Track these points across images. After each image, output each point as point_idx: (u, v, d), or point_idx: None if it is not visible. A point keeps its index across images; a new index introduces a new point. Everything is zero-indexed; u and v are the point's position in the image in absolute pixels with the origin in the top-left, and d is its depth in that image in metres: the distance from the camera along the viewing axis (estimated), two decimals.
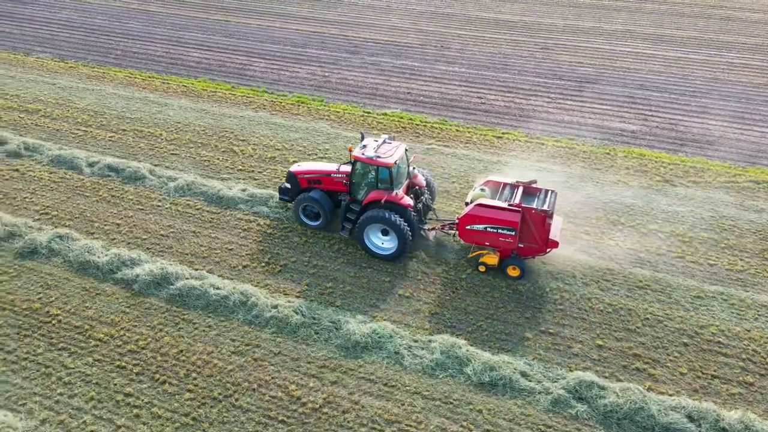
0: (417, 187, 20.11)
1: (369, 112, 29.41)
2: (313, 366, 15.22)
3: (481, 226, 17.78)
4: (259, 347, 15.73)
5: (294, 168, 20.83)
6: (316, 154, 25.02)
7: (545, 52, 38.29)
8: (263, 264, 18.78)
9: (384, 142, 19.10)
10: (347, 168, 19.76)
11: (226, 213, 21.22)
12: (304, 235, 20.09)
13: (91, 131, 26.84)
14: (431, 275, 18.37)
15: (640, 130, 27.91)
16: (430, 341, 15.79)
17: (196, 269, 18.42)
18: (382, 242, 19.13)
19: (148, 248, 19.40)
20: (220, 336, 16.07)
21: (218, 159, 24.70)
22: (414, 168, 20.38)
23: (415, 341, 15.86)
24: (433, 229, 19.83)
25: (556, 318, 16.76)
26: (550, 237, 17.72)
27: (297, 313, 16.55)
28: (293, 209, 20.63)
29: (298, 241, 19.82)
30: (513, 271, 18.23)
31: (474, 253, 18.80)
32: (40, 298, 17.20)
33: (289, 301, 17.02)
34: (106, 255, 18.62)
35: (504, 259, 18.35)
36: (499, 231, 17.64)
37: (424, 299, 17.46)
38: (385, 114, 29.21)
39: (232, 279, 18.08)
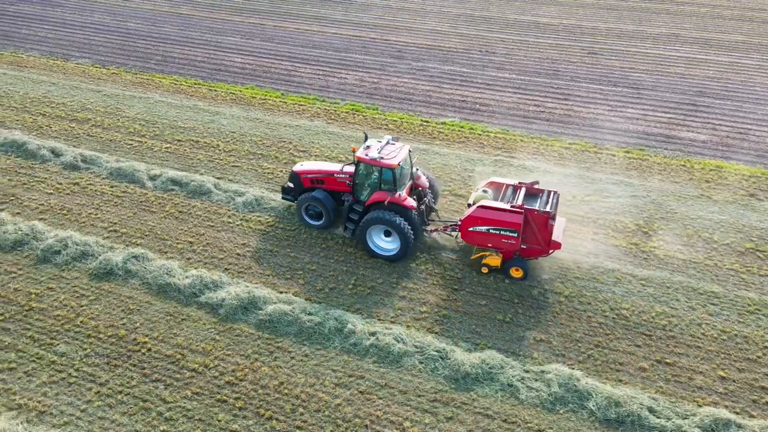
0: (420, 189, 20.14)
1: (427, 121, 28.57)
2: (424, 400, 14.40)
3: (483, 228, 17.76)
4: (364, 379, 14.91)
5: (297, 167, 20.83)
6: None
7: (593, 57, 37.39)
8: (350, 286, 17.95)
9: (387, 142, 19.17)
10: (351, 168, 19.68)
11: (301, 231, 20.38)
12: None
13: (145, 142, 26.02)
14: (527, 298, 17.54)
15: (710, 140, 27.03)
16: (542, 372, 14.95)
17: (282, 292, 17.60)
18: (385, 243, 19.14)
19: (226, 269, 18.59)
20: (319, 366, 15.25)
21: (282, 172, 23.86)
22: (417, 169, 20.38)
23: (527, 372, 15.03)
24: (435, 230, 19.77)
25: (669, 346, 15.92)
26: (552, 238, 17.61)
27: (398, 341, 15.73)
28: (296, 209, 20.57)
29: (383, 262, 18.99)
30: (516, 273, 18.14)
31: (476, 255, 18.64)
32: (124, 324, 16.41)
33: (386, 328, 16.19)
34: (187, 277, 17.80)
35: (507, 260, 18.24)
36: (502, 232, 17.60)
37: (525, 324, 16.63)
38: (444, 123, 28.36)
39: (320, 302, 17.26)
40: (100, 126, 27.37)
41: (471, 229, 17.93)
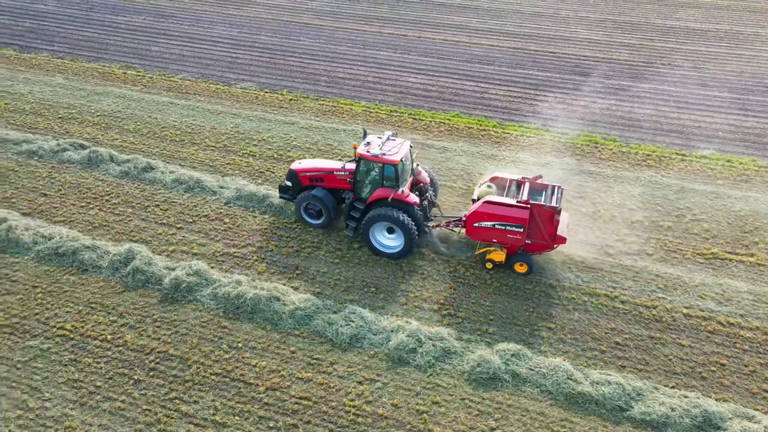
0: (421, 184, 20.01)
1: (684, 155, 25.46)
2: None
3: (489, 223, 17.72)
4: None
5: (295, 166, 20.52)
6: (681, 216, 21.08)
7: None
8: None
9: (388, 138, 18.92)
10: (353, 166, 19.40)
11: (664, 306, 17.32)
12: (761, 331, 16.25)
13: None
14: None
15: None
16: None
17: (699, 397, 14.54)
18: (388, 241, 18.96)
19: (623, 366, 15.42)
20: None
21: (581, 225, 20.66)
22: (418, 165, 20.22)
23: None
24: (437, 226, 19.63)
25: None
26: (557, 233, 17.62)
27: None
28: (295, 208, 20.34)
29: (754, 338, 16.02)
30: (520, 268, 18.22)
31: (480, 250, 18.57)
32: None
33: None
34: (597, 383, 14.56)
35: (511, 255, 18.23)
36: (508, 228, 17.58)
37: None
38: (705, 157, 25.29)
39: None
40: None
41: (476, 224, 17.89)
